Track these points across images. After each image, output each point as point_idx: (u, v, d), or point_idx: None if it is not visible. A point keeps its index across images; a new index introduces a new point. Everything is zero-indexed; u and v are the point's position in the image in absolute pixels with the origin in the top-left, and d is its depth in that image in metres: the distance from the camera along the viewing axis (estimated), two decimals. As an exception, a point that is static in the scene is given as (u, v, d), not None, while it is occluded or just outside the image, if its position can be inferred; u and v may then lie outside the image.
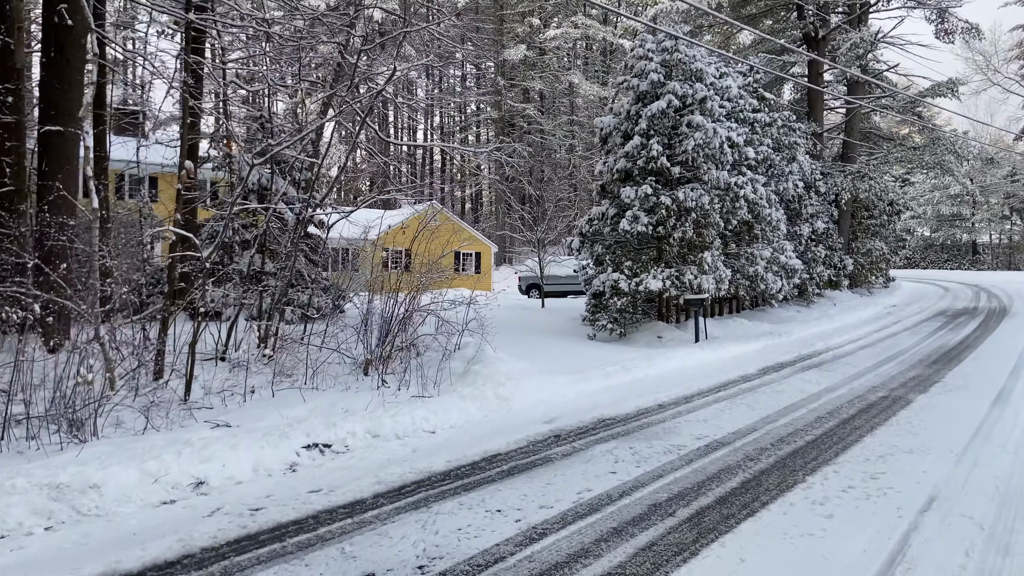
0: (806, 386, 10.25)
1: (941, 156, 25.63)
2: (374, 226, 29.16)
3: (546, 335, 15.91)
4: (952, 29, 27.64)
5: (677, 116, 15.74)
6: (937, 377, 10.98)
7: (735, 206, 16.43)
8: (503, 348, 12.51)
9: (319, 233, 19.40)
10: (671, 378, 11.12)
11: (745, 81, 19.94)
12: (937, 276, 46.09)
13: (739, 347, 14.68)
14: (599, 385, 10.36)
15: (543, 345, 14.19)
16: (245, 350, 10.77)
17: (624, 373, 11.23)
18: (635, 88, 16.17)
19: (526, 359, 11.73)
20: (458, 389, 8.78)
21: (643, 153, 15.41)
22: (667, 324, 16.49)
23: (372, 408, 7.60)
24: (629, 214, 15.26)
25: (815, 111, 26.36)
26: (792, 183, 19.63)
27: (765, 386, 10.33)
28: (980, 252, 57.38)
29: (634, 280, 15.30)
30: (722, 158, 15.72)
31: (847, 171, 24.80)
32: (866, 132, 29.27)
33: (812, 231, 22.84)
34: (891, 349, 14.38)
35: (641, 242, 16.34)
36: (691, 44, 16.18)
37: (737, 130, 17.42)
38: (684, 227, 15.32)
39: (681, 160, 15.57)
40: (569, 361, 12.21)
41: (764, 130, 19.45)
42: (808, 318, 20.22)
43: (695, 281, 15.16)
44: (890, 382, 10.55)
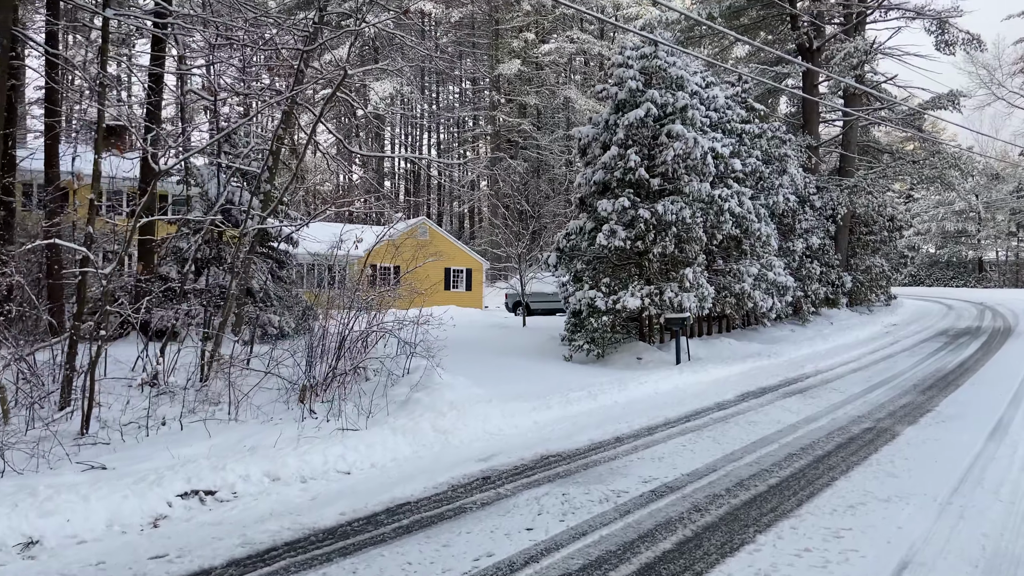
0: (784, 416, 9.33)
1: (942, 170, 24.74)
2: (361, 241, 28.31)
3: (519, 356, 15.04)
4: (953, 40, 26.85)
5: (657, 126, 14.94)
6: (930, 405, 10.05)
7: (720, 220, 15.58)
8: (463, 371, 11.67)
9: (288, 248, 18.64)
10: (640, 405, 10.22)
11: (733, 91, 19.15)
12: (942, 294, 45.02)
13: (722, 370, 13.78)
14: (558, 414, 9.47)
15: (511, 368, 13.33)
16: (187, 374, 9.92)
17: (589, 400, 10.35)
18: (613, 97, 15.40)
19: (485, 384, 10.87)
20: (391, 420, 7.91)
21: (620, 164, 14.60)
22: (648, 345, 15.60)
23: (282, 444, 6.74)
24: (606, 228, 14.43)
25: (810, 123, 25.55)
26: (783, 196, 18.77)
27: (740, 415, 9.42)
28: (987, 269, 56.24)
29: (611, 298, 14.44)
30: (704, 169, 14.89)
31: (844, 185, 23.92)
32: (864, 146, 28.44)
33: (807, 247, 21.95)
34: (884, 373, 13.45)
35: (620, 258, 15.49)
36: (672, 51, 15.40)
37: (723, 141, 16.61)
38: (664, 242, 14.47)
39: (661, 172, 14.76)
40: (533, 386, 11.34)
41: (753, 142, 18.63)
42: (801, 338, 19.29)
43: (675, 299, 14.28)
44: (878, 411, 9.63)
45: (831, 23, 27.17)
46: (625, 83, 14.99)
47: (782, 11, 25.47)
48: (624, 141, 14.83)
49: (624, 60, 15.44)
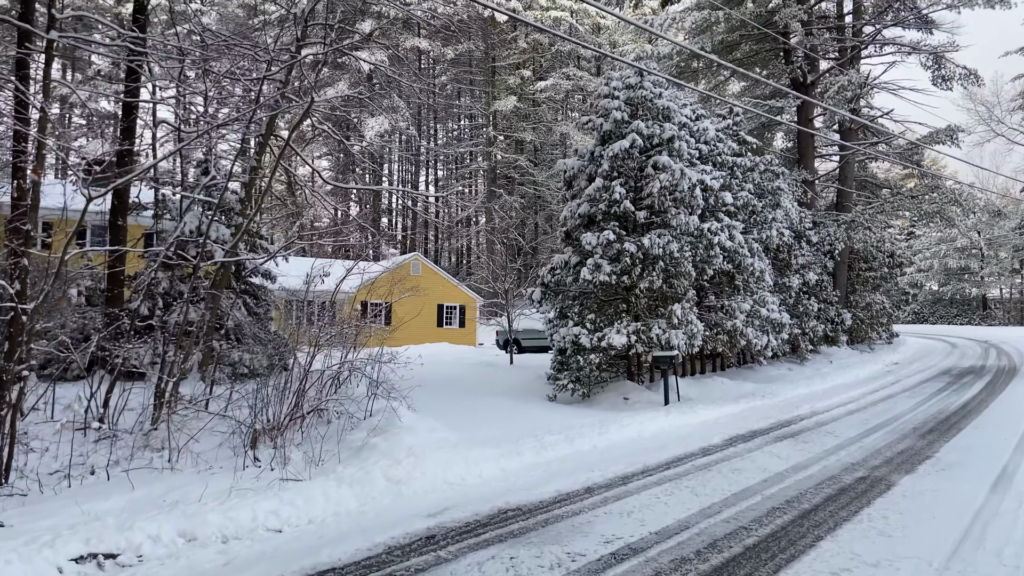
0: (772, 463, 8.66)
1: (942, 205, 24.27)
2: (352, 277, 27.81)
3: (501, 396, 14.39)
4: (950, 75, 26.60)
5: (643, 157, 14.50)
6: (930, 451, 9.37)
7: (709, 254, 15.04)
8: (436, 413, 11.07)
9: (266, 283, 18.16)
10: (620, 451, 9.56)
11: (724, 124, 18.77)
12: (945, 331, 44.27)
13: (713, 411, 13.10)
14: (529, 460, 8.82)
15: (489, 409, 12.68)
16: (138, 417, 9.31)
17: (566, 444, 9.69)
18: (599, 128, 15.00)
19: (457, 427, 10.25)
20: (341, 469, 7.27)
21: (605, 196, 14.13)
22: (637, 384, 14.94)
23: (209, 498, 6.11)
24: (590, 262, 13.90)
25: (805, 158, 25.17)
26: (776, 231, 18.25)
27: (724, 462, 8.76)
28: (991, 307, 55.52)
29: (596, 335, 13.85)
30: (692, 202, 14.40)
31: (841, 220, 23.43)
32: (862, 181, 28.05)
33: (803, 283, 21.36)
34: (883, 414, 12.76)
35: (607, 293, 14.93)
36: (658, 82, 15.03)
37: (712, 173, 16.16)
38: (651, 276, 13.92)
39: (647, 204, 14.27)
40: (509, 429, 10.69)
41: (746, 175, 18.19)
42: (799, 377, 18.60)
43: (663, 336, 13.67)
44: (873, 457, 8.95)
45: (825, 58, 26.97)
46: (610, 114, 14.59)
47: (775, 46, 25.29)
48: (609, 173, 14.38)
49: (610, 91, 15.06)
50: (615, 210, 14.08)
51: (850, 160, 26.11)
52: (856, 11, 26.27)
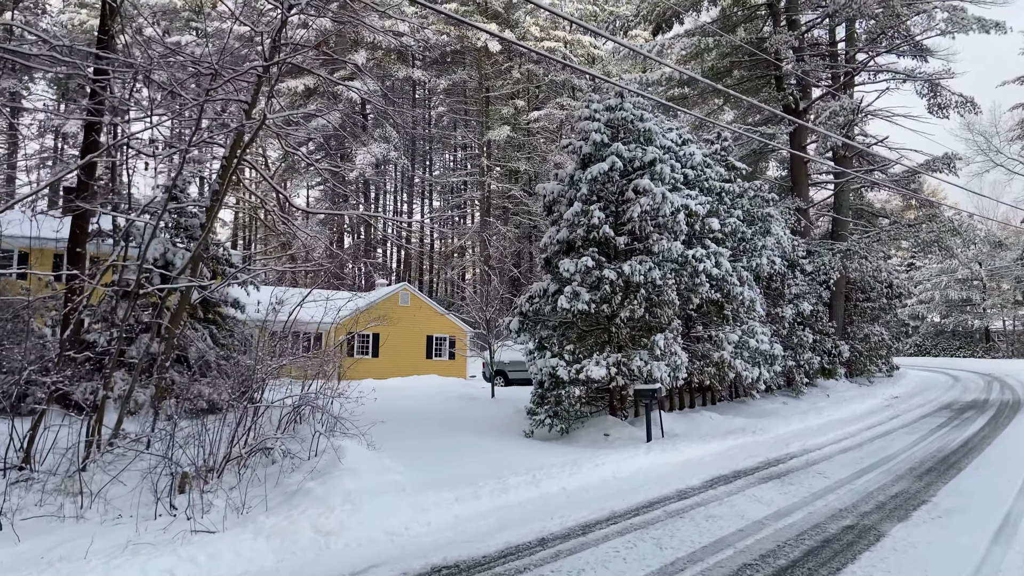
0: (752, 509, 7.88)
1: (939, 234, 23.62)
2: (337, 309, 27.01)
3: (474, 432, 13.62)
4: (946, 103, 26.17)
5: (624, 181, 13.90)
6: (927, 494, 8.57)
7: (695, 282, 14.36)
8: (395, 451, 10.35)
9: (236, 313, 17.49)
10: (588, 494, 8.78)
11: (712, 149, 18.22)
12: (948, 364, 43.36)
13: (697, 448, 12.30)
14: (486, 506, 8.03)
15: (458, 446, 11.92)
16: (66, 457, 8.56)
17: (531, 486, 8.90)
18: (579, 151, 14.43)
19: (415, 467, 9.52)
20: (263, 519, 6.50)
21: (584, 221, 13.50)
22: (619, 419, 14.15)
23: (96, 555, 5.36)
24: (568, 290, 13.22)
25: (799, 185, 24.62)
26: (767, 259, 17.59)
27: (699, 508, 7.97)
28: (994, 339, 54.60)
29: (574, 367, 13.10)
30: (675, 227, 13.75)
31: (836, 249, 22.78)
32: (858, 209, 27.47)
33: (797, 313, 20.64)
34: (879, 452, 11.95)
35: (587, 323, 14.23)
36: (641, 104, 14.48)
37: (698, 199, 15.56)
38: (632, 305, 13.22)
39: (628, 230, 13.63)
40: (473, 468, 9.91)
41: (734, 201, 17.58)
42: (793, 412, 17.78)
43: (645, 368, 12.93)
44: (864, 502, 8.16)
45: (818, 85, 26.57)
46: (590, 136, 14.02)
47: (767, 72, 24.90)
48: (588, 197, 13.77)
49: (591, 113, 14.51)
50: (594, 235, 13.43)
51: (845, 188, 25.55)
52: (849, 38, 25.94)
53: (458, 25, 41.12)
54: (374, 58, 42.35)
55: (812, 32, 27.16)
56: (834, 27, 25.98)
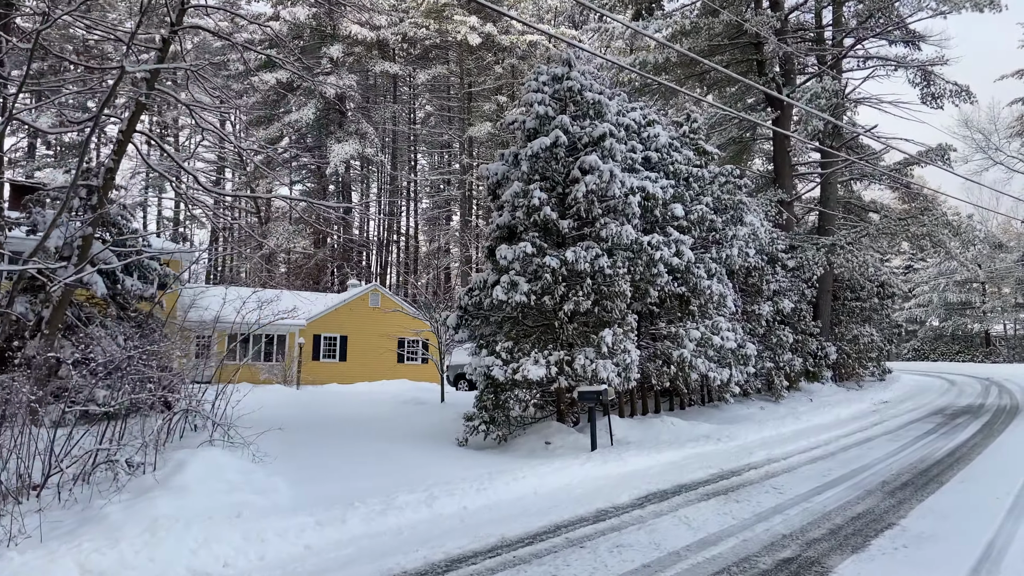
0: (674, 535, 6.40)
1: (931, 227, 22.13)
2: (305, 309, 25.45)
3: (401, 441, 12.17)
4: (940, 93, 24.79)
5: (571, 159, 12.47)
6: (895, 516, 7.09)
7: (651, 272, 12.90)
8: (287, 463, 9.01)
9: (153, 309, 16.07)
10: (490, 514, 7.32)
11: (680, 131, 16.79)
12: (946, 368, 41.77)
13: (647, 458, 10.81)
14: (352, 532, 6.56)
15: (373, 457, 10.51)
16: None
17: (423, 507, 7.42)
18: (523, 126, 13.00)
19: (299, 483, 8.15)
20: (16, 556, 5.02)
21: (523, 202, 12.05)
22: (566, 426, 12.66)
23: None
24: (505, 280, 11.77)
25: (782, 176, 23.16)
26: (738, 250, 16.11)
27: (612, 533, 6.50)
28: (994, 343, 52.95)
29: (510, 367, 11.63)
30: (627, 210, 12.31)
31: (820, 244, 21.29)
32: (847, 203, 26.00)
33: (776, 311, 19.14)
34: (852, 463, 10.46)
35: (533, 318, 12.79)
36: (591, 73, 13.05)
37: (660, 182, 14.12)
38: (577, 296, 11.76)
39: (574, 213, 12.19)
40: (369, 484, 8.47)
41: (704, 187, 16.15)
42: (769, 417, 16.28)
43: (590, 367, 11.45)
44: (816, 526, 6.68)
45: (803, 71, 25.16)
46: (533, 108, 12.59)
47: (748, 56, 23.47)
48: (529, 175, 12.34)
49: (539, 85, 13.08)
50: (535, 219, 11.99)
51: (832, 180, 24.09)
52: (836, 21, 24.52)
53: (437, 18, 39.85)
54: (352, 53, 41.01)
55: (799, 17, 25.78)
56: (820, 9, 24.56)
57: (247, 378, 27.53)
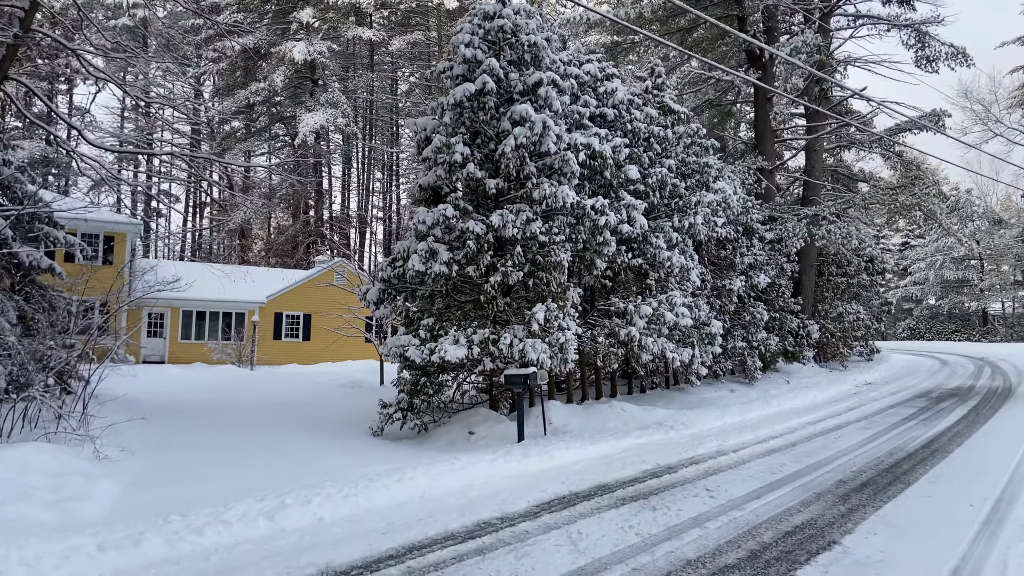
0: (549, 562, 5.03)
1: (921, 198, 20.62)
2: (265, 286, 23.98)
3: (311, 430, 10.88)
4: (935, 55, 23.14)
5: (502, 111, 10.97)
6: (838, 531, 5.71)
7: (597, 241, 11.45)
8: (159, 456, 7.75)
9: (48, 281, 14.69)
10: (346, 530, 5.98)
11: (642, 87, 15.25)
12: (940, 348, 40.35)
13: (578, 451, 9.44)
14: (145, 557, 5.20)
15: (263, 449, 9.30)
16: None
17: (260, 520, 6.03)
18: (451, 73, 11.49)
19: (147, 483, 6.91)
20: None
21: (444, 158, 10.56)
22: (496, 413, 11.29)
23: None
24: (422, 247, 10.34)
25: (763, 143, 21.60)
26: (704, 218, 14.63)
27: (471, 559, 5.13)
28: (992, 322, 51.50)
29: (427, 347, 10.21)
30: (565, 169, 10.82)
31: (802, 214, 19.79)
32: (834, 172, 24.44)
33: (751, 286, 17.70)
34: (811, 456, 9.08)
35: (463, 292, 11.37)
36: (526, 12, 11.49)
37: (612, 141, 12.62)
38: (505, 267, 10.32)
39: (506, 172, 10.70)
40: (222, 487, 7.12)
41: (667, 149, 14.66)
42: (737, 401, 14.91)
43: (518, 347, 10.03)
44: (734, 546, 5.30)
45: (788, 32, 23.50)
46: (459, 51, 11.06)
47: (728, 12, 21.80)
48: (452, 128, 10.84)
49: (472, 28, 11.51)
50: (458, 177, 10.52)
51: (817, 147, 22.52)
52: (823, -26, 22.79)
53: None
54: (325, 18, 39.17)
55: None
56: (806, -37, 22.83)
57: (200, 358, 26.22)
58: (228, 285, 28.15)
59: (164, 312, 26.49)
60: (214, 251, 46.12)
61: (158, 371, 20.06)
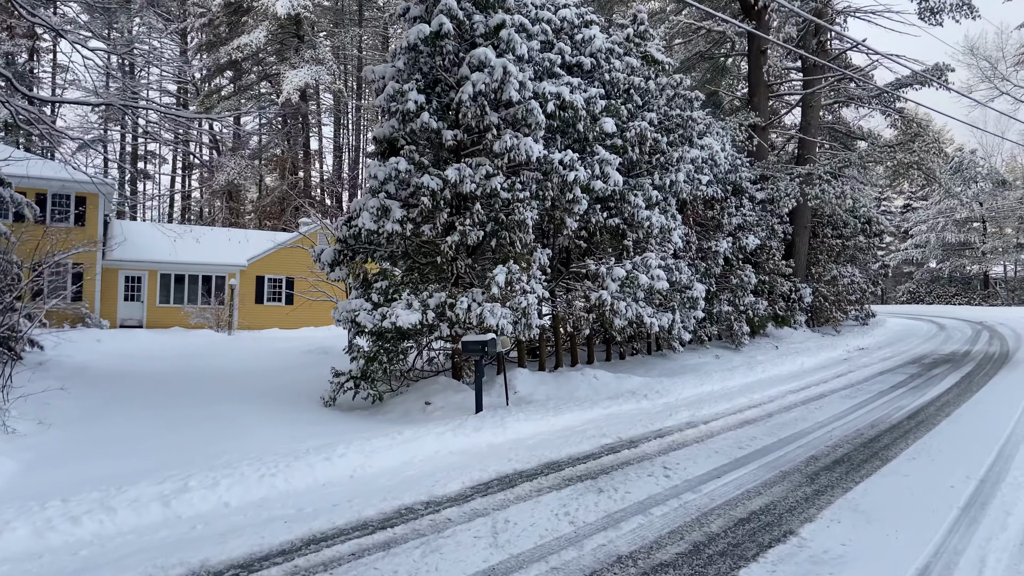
0: (459, 558, 4.40)
1: (920, 154, 19.73)
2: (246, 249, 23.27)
3: (258, 399, 10.30)
4: (938, 7, 22.00)
5: (462, 55, 10.13)
6: (799, 518, 5.08)
7: (567, 198, 10.68)
8: (73, 428, 7.07)
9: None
10: (245, 517, 5.38)
11: (623, 35, 14.31)
12: (939, 312, 39.67)
13: (538, 423, 8.81)
14: (14, 549, 4.56)
15: (202, 421, 8.76)
16: None
17: (153, 505, 5.42)
18: (407, 15, 10.61)
19: (46, 460, 6.29)
20: None
21: (398, 107, 9.76)
22: (458, 382, 10.64)
23: None
24: (373, 204, 9.60)
25: (756, 97, 20.63)
26: (686, 175, 13.82)
27: (368, 556, 4.50)
28: (993, 285, 50.71)
29: (379, 311, 9.53)
30: (530, 119, 10.00)
31: (795, 173, 18.93)
32: (830, 128, 23.49)
33: (739, 248, 16.94)
34: (785, 428, 8.45)
35: (426, 253, 10.66)
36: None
37: (588, 91, 11.76)
38: (464, 226, 9.59)
39: (466, 124, 9.90)
40: (141, 464, 6.52)
41: (651, 102, 13.82)
42: (719, 368, 14.28)
43: (474, 312, 9.34)
44: (677, 537, 4.67)
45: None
46: (414, -9, 10.19)
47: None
48: (406, 74, 10.02)
49: (432, -32, 10.60)
50: (412, 127, 9.72)
51: (814, 103, 21.56)
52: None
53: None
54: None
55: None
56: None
57: (178, 322, 25.62)
58: (209, 248, 27.50)
59: (142, 275, 25.81)
60: (205, 215, 45.30)
61: (128, 336, 19.46)
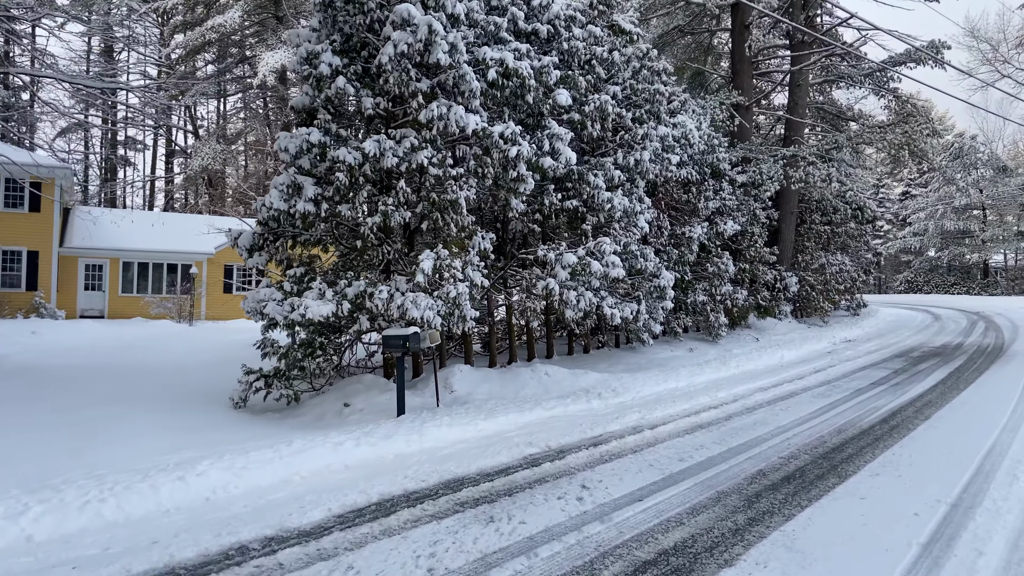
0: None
1: (911, 136, 18.60)
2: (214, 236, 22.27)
3: (160, 399, 9.23)
4: (935, -20, 20.80)
5: (383, 13, 9.03)
6: (719, 561, 4.08)
7: (510, 176, 9.59)
8: None
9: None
10: (44, 555, 4.33)
11: (588, 1, 13.19)
12: (936, 302, 38.58)
13: (464, 429, 7.79)
14: None
15: (79, 427, 7.62)
16: None
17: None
18: (329, -26, 9.50)
19: None
20: None
21: (311, 71, 8.68)
22: (387, 380, 9.61)
23: None
24: (282, 180, 8.54)
25: (739, 75, 19.50)
26: (652, 154, 12.72)
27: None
28: (992, 274, 49.56)
29: (288, 302, 8.47)
30: (463, 86, 8.92)
31: (778, 155, 17.82)
32: (819, 108, 22.35)
33: (716, 234, 15.87)
34: (740, 435, 7.41)
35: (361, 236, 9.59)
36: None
37: (542, 60, 10.64)
38: (386, 206, 8.53)
39: (390, 91, 8.82)
40: None
41: (616, 75, 12.73)
42: (690, 363, 13.24)
43: (395, 303, 8.29)
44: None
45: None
46: (333, -56, 9.08)
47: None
48: (321, 35, 8.93)
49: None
50: (327, 94, 8.64)
51: (802, 82, 20.41)
52: None
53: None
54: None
55: None
56: None
57: (140, 312, 24.59)
58: (178, 235, 26.45)
59: (103, 264, 24.78)
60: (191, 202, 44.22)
61: (74, 327, 18.44)
